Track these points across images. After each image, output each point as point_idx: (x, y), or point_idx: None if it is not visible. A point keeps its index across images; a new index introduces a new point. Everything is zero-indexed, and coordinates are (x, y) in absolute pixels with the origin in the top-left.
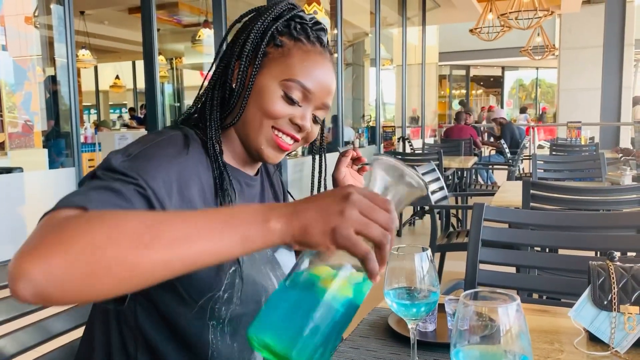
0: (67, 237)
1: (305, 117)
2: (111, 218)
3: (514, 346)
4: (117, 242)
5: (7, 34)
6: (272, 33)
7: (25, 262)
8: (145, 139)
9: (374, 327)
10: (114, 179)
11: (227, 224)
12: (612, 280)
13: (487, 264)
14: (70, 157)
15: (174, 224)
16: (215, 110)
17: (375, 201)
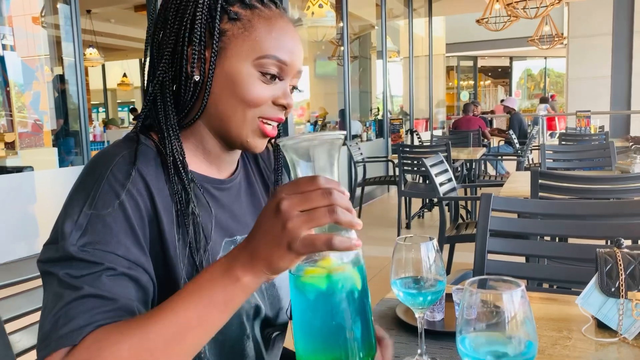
0: None
1: (286, 92)
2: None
3: (519, 332)
4: None
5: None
6: (221, 5)
7: None
8: (89, 183)
9: (382, 318)
10: (82, 277)
11: (204, 304)
12: (620, 267)
13: (496, 254)
14: (79, 156)
15: (161, 328)
16: (170, 113)
17: (304, 186)
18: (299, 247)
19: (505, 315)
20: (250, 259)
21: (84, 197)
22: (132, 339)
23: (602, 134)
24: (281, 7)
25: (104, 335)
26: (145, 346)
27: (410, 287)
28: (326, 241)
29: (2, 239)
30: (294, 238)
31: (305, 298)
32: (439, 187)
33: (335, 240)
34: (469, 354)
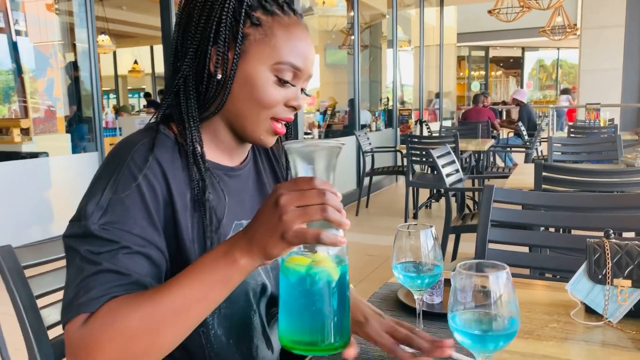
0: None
1: (297, 95)
2: (116, 320)
3: (504, 309)
4: (134, 339)
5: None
6: (245, 11)
7: None
8: (111, 168)
9: (385, 300)
10: (101, 254)
11: (207, 281)
12: (607, 256)
13: (497, 243)
14: (92, 142)
15: (168, 302)
16: (192, 106)
17: (302, 185)
18: (290, 238)
19: (492, 295)
20: (248, 245)
21: (106, 180)
22: (143, 309)
23: (612, 127)
24: (299, 14)
25: (117, 306)
26: (154, 316)
27: (409, 271)
28: (315, 235)
29: (19, 222)
30: (287, 229)
31: (289, 281)
32: (445, 177)
33: (323, 235)
34: (458, 329)
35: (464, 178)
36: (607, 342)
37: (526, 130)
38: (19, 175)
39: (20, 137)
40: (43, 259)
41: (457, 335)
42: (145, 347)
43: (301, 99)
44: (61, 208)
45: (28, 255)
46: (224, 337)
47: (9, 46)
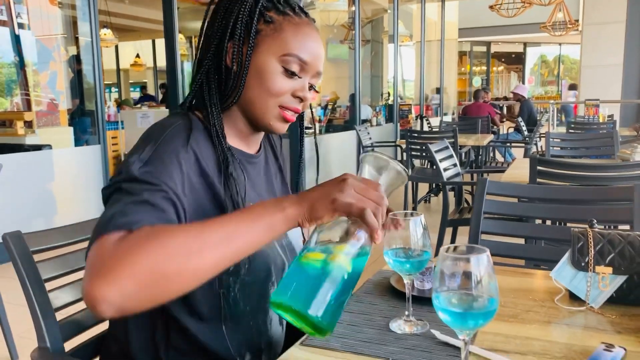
0: (130, 261)
1: (304, 88)
2: (159, 236)
3: (484, 290)
4: (173, 256)
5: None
6: (260, 10)
7: (101, 289)
8: (152, 136)
9: (378, 286)
10: (142, 190)
11: (254, 220)
12: (590, 244)
13: (489, 234)
14: (95, 135)
15: (213, 230)
16: (214, 95)
17: (367, 183)
18: (339, 204)
19: (473, 276)
20: (299, 199)
21: (147, 144)
22: (189, 232)
23: (610, 123)
24: (310, 18)
25: (161, 227)
26: (198, 239)
27: (399, 256)
28: (362, 208)
29: (23, 214)
30: (340, 197)
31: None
32: (443, 172)
33: (368, 212)
34: (441, 308)
35: (462, 172)
36: (588, 326)
37: (526, 126)
38: (22, 167)
39: (23, 129)
40: (50, 244)
41: (440, 313)
42: (179, 267)
43: (308, 91)
44: (64, 200)
45: (36, 240)
46: (241, 303)
47: (12, 39)
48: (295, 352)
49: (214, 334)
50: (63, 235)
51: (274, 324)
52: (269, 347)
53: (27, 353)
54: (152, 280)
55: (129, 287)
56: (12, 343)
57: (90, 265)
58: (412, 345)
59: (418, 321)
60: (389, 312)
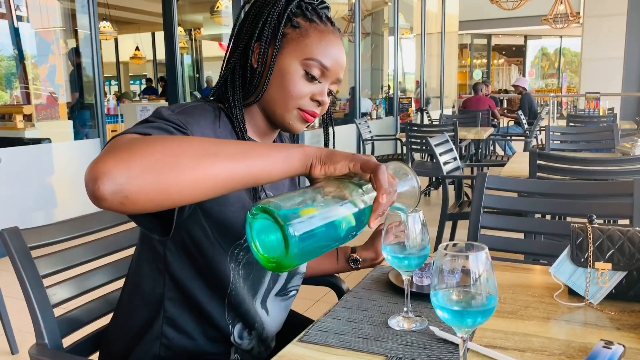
0: (144, 147)
1: (323, 92)
2: (178, 137)
3: (482, 287)
4: (188, 152)
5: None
6: (288, 15)
7: (108, 164)
8: (185, 104)
9: (376, 282)
10: (167, 124)
11: (273, 148)
12: (589, 240)
13: (489, 229)
14: (94, 129)
15: (231, 145)
16: (237, 91)
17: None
18: (358, 157)
19: (471, 274)
20: (319, 147)
21: (179, 107)
22: (207, 139)
23: (611, 116)
24: (336, 27)
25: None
26: (216, 145)
27: (397, 252)
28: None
29: (23, 207)
30: (360, 156)
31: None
32: (442, 165)
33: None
34: (440, 306)
35: (462, 166)
36: (587, 322)
37: (527, 119)
38: (21, 161)
39: (22, 123)
40: (49, 240)
41: (438, 311)
42: (191, 164)
43: (326, 96)
44: (63, 194)
45: (34, 236)
46: (242, 280)
47: (11, 32)
48: (293, 348)
49: (216, 307)
50: (61, 231)
51: (256, 304)
52: (262, 329)
53: (27, 347)
54: (163, 168)
55: (137, 168)
56: (12, 337)
57: (101, 153)
58: (410, 342)
59: (417, 317)
60: (388, 308)
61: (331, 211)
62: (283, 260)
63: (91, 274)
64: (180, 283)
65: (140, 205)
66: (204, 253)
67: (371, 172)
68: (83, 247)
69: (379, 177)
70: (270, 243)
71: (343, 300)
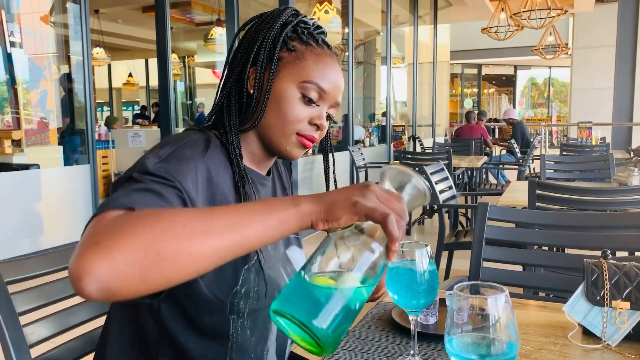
0: (126, 235)
1: (322, 116)
2: (162, 214)
3: (502, 334)
4: (173, 235)
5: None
6: (283, 39)
7: (88, 261)
8: (171, 141)
9: (378, 320)
10: (152, 181)
11: (265, 212)
12: (605, 277)
13: (491, 262)
14: (85, 154)
15: (221, 216)
16: (234, 117)
17: (390, 194)
18: (361, 207)
19: (490, 318)
20: (317, 198)
21: (165, 146)
22: (194, 214)
23: (604, 146)
24: (332, 50)
25: (166, 209)
26: (203, 223)
27: (404, 292)
28: (385, 213)
29: (8, 235)
30: (363, 200)
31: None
32: (438, 194)
33: (390, 218)
34: (455, 354)
35: (457, 195)
36: None
37: (520, 148)
38: (8, 186)
39: (11, 148)
40: (27, 274)
41: (453, 359)
42: (178, 249)
43: (325, 120)
44: (51, 220)
45: (11, 270)
46: (248, 331)
47: (3, 57)
48: None
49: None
50: (41, 264)
51: (270, 355)
52: None
53: None
54: (147, 258)
55: (119, 262)
56: None
57: (82, 240)
58: None
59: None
60: (392, 351)
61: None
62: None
63: (73, 310)
64: (175, 338)
65: (126, 295)
66: (196, 308)
67: (379, 222)
68: (65, 280)
69: (389, 228)
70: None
71: (343, 342)
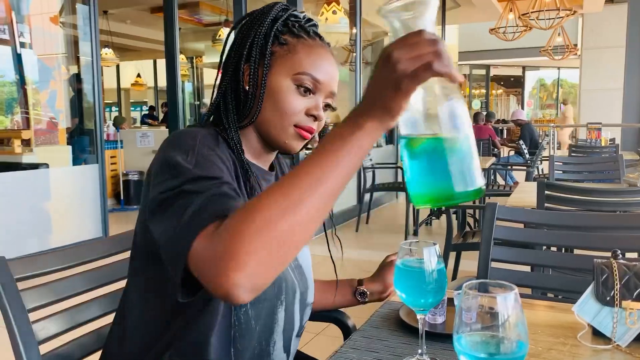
0: (241, 241)
1: (318, 106)
2: (257, 204)
3: (512, 332)
4: (278, 215)
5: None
6: (274, 33)
7: (228, 280)
8: (185, 142)
9: (386, 319)
10: (211, 186)
11: (339, 149)
12: (615, 277)
13: (499, 262)
14: (93, 154)
15: (303, 176)
16: (231, 114)
17: (411, 40)
18: (406, 85)
19: (499, 317)
20: (370, 106)
21: (184, 150)
22: (281, 187)
23: (613, 147)
24: (324, 41)
25: (251, 201)
26: (294, 189)
27: (412, 290)
28: (426, 66)
29: (17, 233)
30: (401, 78)
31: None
32: None
33: (435, 66)
34: (464, 352)
35: None
36: None
37: (528, 149)
38: (18, 186)
39: (21, 148)
40: (37, 271)
41: (462, 358)
42: (289, 223)
43: (322, 110)
44: (59, 220)
45: (21, 267)
46: (253, 321)
47: (13, 58)
48: None
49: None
50: (51, 261)
51: (277, 347)
52: None
53: None
54: (270, 248)
55: (252, 266)
56: None
57: (205, 261)
58: None
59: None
60: (400, 350)
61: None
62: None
63: (83, 307)
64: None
65: (269, 280)
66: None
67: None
68: (74, 278)
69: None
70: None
71: (351, 340)
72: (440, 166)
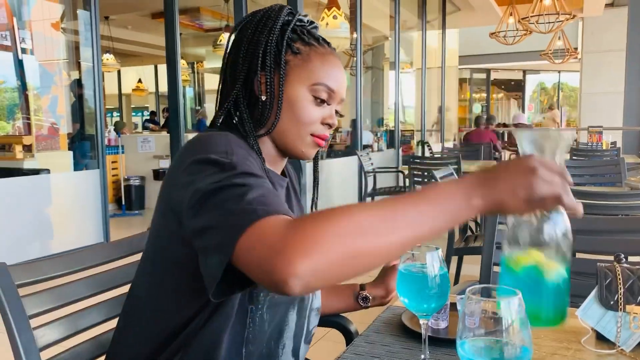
0: (323, 239)
1: (332, 115)
2: (351, 214)
3: (515, 338)
4: (366, 235)
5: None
6: (287, 41)
7: (293, 265)
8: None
9: (389, 324)
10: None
11: (441, 205)
12: (619, 281)
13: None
14: (94, 159)
15: (404, 212)
16: (248, 123)
17: (550, 166)
18: (534, 204)
19: (503, 322)
20: (490, 192)
21: (221, 149)
22: (381, 211)
23: (614, 150)
24: (332, 48)
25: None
26: (390, 220)
27: (415, 295)
28: (555, 199)
29: (18, 239)
30: (534, 195)
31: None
32: None
33: (564, 198)
34: (467, 357)
35: None
36: None
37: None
38: (19, 191)
39: (22, 153)
40: (38, 277)
41: None
42: (371, 246)
43: (335, 118)
44: (61, 225)
45: (22, 273)
46: (267, 324)
47: (15, 64)
48: None
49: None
50: (52, 267)
51: (286, 352)
52: None
53: None
54: (345, 257)
55: (321, 264)
56: None
57: (266, 245)
58: None
59: None
60: (403, 355)
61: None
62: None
63: (84, 312)
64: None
65: (321, 287)
66: None
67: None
68: (76, 283)
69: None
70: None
71: (353, 346)
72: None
